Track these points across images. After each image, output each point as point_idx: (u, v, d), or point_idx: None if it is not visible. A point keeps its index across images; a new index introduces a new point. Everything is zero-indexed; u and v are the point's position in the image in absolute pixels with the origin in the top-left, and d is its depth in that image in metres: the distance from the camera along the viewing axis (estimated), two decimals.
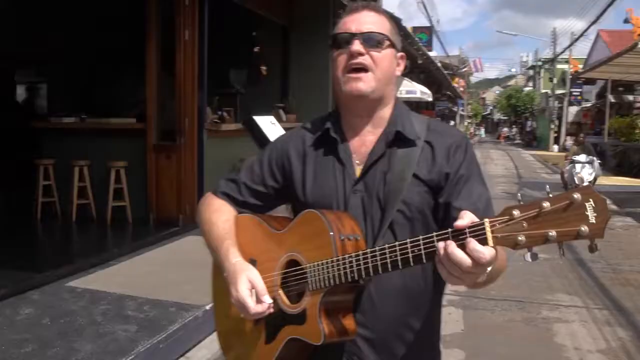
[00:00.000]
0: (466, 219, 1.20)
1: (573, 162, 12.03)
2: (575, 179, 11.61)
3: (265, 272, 1.51)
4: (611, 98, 26.55)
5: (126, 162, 7.23)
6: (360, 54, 1.50)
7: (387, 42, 1.54)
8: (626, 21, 20.88)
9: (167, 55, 7.30)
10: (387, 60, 1.55)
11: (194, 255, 5.84)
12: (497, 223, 1.16)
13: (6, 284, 4.52)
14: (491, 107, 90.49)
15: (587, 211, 1.08)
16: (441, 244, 1.20)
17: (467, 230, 1.18)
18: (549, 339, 4.73)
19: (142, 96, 7.54)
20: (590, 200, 1.08)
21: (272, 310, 1.46)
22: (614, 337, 4.75)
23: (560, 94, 38.32)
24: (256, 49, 10.69)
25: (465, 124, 61.99)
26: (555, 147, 37.09)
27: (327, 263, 1.40)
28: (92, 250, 5.93)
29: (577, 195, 1.09)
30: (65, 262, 5.29)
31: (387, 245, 1.31)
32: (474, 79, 78.54)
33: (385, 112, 1.59)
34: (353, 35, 1.51)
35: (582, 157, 11.98)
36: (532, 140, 46.59)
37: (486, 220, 1.17)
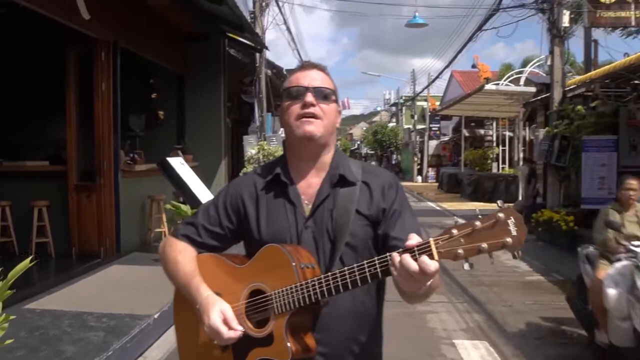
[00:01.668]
0: (414, 239, 1.39)
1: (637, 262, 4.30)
2: None
3: (230, 303, 1.66)
4: (465, 132, 29.58)
5: (48, 202, 7.82)
6: (312, 105, 1.69)
7: (333, 97, 1.75)
8: (473, 66, 23.80)
9: (85, 103, 8.08)
10: (333, 112, 1.75)
11: (125, 280, 6.80)
12: (440, 241, 1.34)
13: None
14: (358, 142, 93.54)
15: (509, 226, 1.28)
16: (396, 256, 1.39)
17: (415, 248, 1.37)
18: (424, 325, 6.12)
19: (53, 139, 8.24)
20: (512, 217, 1.29)
21: (241, 335, 1.61)
22: (472, 320, 6.25)
23: (421, 129, 41.08)
24: (154, 95, 11.31)
25: None
26: (419, 177, 40.03)
27: (291, 288, 1.55)
28: (29, 280, 6.52)
29: (501, 215, 1.29)
30: (13, 289, 5.92)
31: (346, 268, 1.50)
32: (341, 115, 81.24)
33: (328, 157, 1.77)
34: (306, 89, 1.71)
35: None
36: (398, 172, 48.99)
37: (431, 239, 1.36)
